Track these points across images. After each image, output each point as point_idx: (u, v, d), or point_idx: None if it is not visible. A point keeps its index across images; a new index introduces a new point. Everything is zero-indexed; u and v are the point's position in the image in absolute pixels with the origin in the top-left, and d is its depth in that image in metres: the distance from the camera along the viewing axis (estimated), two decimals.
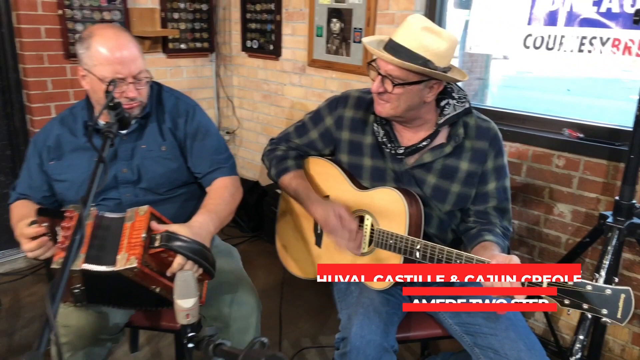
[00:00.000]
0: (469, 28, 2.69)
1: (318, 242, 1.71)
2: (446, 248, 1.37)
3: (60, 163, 1.58)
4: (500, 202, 1.55)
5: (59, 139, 1.59)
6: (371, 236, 1.55)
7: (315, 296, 2.73)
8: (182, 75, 3.50)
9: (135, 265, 1.22)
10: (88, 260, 1.25)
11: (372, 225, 1.55)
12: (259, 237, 3.43)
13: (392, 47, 1.38)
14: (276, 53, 3.35)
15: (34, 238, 1.33)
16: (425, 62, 1.35)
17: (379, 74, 1.42)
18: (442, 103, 1.52)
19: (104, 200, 1.58)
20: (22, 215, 1.47)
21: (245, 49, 3.57)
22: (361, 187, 1.61)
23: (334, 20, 2.94)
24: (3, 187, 2.95)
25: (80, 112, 1.61)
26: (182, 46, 3.43)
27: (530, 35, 2.17)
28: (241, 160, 3.89)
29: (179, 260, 1.29)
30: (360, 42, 2.82)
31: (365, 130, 1.61)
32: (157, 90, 1.66)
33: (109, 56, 1.44)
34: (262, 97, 3.59)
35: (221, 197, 1.57)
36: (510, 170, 1.63)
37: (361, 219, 1.58)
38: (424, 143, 1.51)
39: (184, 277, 1.11)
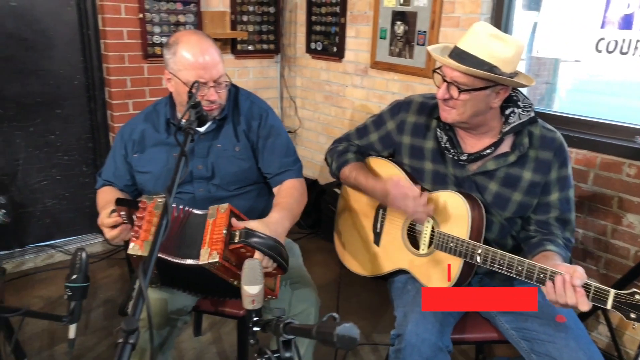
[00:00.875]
0: (537, 31, 2.64)
1: (377, 241, 1.75)
2: (507, 254, 1.38)
3: (142, 156, 1.71)
4: (563, 212, 1.53)
5: (143, 134, 1.72)
6: (431, 238, 1.57)
7: (370, 294, 2.78)
8: (249, 75, 3.65)
9: (217, 260, 1.31)
10: (163, 249, 1.36)
11: (432, 228, 1.57)
12: (316, 234, 3.52)
13: (458, 54, 1.40)
14: (339, 55, 3.42)
15: (114, 226, 1.47)
16: (491, 68, 1.37)
17: (445, 80, 1.44)
18: (507, 111, 1.52)
19: (179, 193, 1.69)
20: (106, 201, 1.62)
21: (309, 50, 3.67)
22: (422, 189, 1.64)
23: (398, 22, 2.96)
24: (85, 177, 3.20)
25: (163, 109, 1.74)
26: (250, 47, 3.57)
27: (603, 39, 2.11)
28: (301, 159, 3.99)
29: (257, 255, 1.36)
30: (424, 44, 2.83)
31: (426, 135, 1.63)
32: (234, 93, 1.75)
33: (193, 62, 1.54)
34: (324, 97, 3.66)
35: (292, 195, 1.65)
36: (576, 178, 1.60)
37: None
38: (488, 151, 1.52)
39: (252, 265, 1.19)
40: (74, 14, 2.95)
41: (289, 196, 1.64)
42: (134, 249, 1.35)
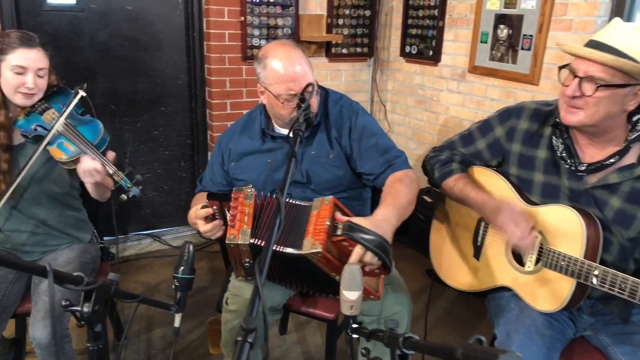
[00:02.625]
0: None
1: (476, 255, 1.67)
2: (630, 277, 1.25)
3: (239, 164, 1.76)
4: None
5: (239, 143, 1.77)
6: (539, 255, 1.47)
7: (460, 308, 2.67)
8: (341, 79, 3.66)
9: (319, 250, 1.31)
10: (266, 240, 1.39)
11: (540, 244, 1.47)
12: (402, 242, 3.44)
13: (595, 46, 1.28)
14: (435, 59, 3.33)
15: (206, 219, 1.52)
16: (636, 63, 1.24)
17: (576, 76, 1.32)
18: (635, 118, 1.38)
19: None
20: (198, 203, 1.68)
21: (403, 54, 3.61)
22: (530, 202, 1.53)
23: (502, 26, 2.83)
24: (183, 172, 3.38)
25: (257, 117, 1.76)
26: (344, 51, 3.58)
27: None
28: None
29: (358, 249, 1.30)
30: (529, 49, 2.68)
31: (539, 144, 1.53)
32: (324, 98, 1.73)
33: (283, 75, 1.54)
34: (416, 102, 3.59)
35: (397, 190, 1.56)
36: None
37: None
38: (611, 161, 1.39)
39: (351, 270, 1.18)
40: (182, 17, 3.12)
41: (393, 191, 1.55)
42: (231, 237, 1.41)
